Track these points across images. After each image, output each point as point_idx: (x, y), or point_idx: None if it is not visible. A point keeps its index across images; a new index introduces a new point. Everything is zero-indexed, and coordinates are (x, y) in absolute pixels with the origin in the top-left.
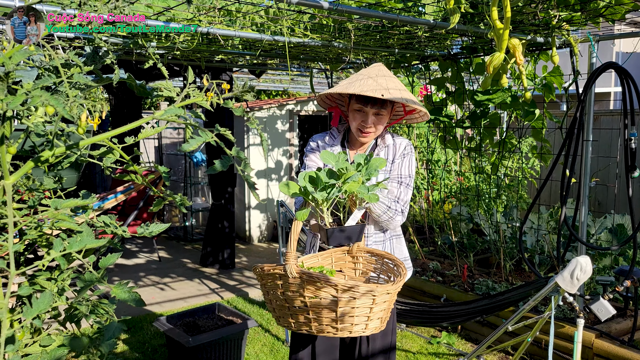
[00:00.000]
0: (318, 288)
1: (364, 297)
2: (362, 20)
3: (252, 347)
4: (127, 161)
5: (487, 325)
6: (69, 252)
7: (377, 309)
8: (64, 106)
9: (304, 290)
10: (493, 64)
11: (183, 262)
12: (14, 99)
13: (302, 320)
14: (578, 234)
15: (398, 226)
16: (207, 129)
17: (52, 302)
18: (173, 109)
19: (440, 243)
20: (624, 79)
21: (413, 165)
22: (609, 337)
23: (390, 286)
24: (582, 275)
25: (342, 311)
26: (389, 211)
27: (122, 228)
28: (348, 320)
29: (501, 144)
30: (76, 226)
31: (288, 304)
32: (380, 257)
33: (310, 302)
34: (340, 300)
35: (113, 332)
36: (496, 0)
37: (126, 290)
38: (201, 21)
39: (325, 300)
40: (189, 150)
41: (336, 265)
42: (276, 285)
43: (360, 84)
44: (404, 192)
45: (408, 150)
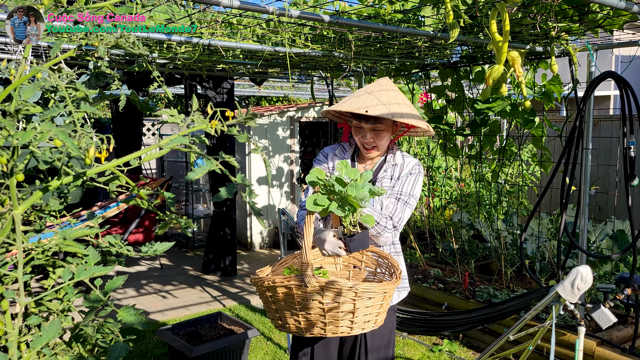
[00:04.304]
0: (338, 294)
1: (347, 295)
2: (362, 32)
3: (254, 355)
4: (132, 187)
5: (488, 333)
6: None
7: (361, 307)
8: (72, 141)
9: (322, 297)
10: (492, 76)
11: (185, 269)
12: (24, 135)
13: (316, 324)
14: (579, 241)
15: (387, 242)
16: (211, 156)
17: (60, 328)
18: (178, 138)
19: (441, 249)
20: (622, 87)
21: (418, 185)
22: (610, 344)
23: (376, 285)
24: (583, 285)
25: (327, 310)
26: (377, 226)
27: (127, 247)
28: (330, 319)
29: (501, 151)
30: (83, 250)
31: (301, 310)
32: (377, 255)
33: (328, 307)
34: (325, 298)
35: (119, 352)
36: (495, 14)
37: (132, 314)
38: (203, 33)
39: (343, 304)
40: (194, 179)
41: (331, 263)
42: (287, 294)
43: (355, 100)
44: (400, 209)
45: (415, 170)
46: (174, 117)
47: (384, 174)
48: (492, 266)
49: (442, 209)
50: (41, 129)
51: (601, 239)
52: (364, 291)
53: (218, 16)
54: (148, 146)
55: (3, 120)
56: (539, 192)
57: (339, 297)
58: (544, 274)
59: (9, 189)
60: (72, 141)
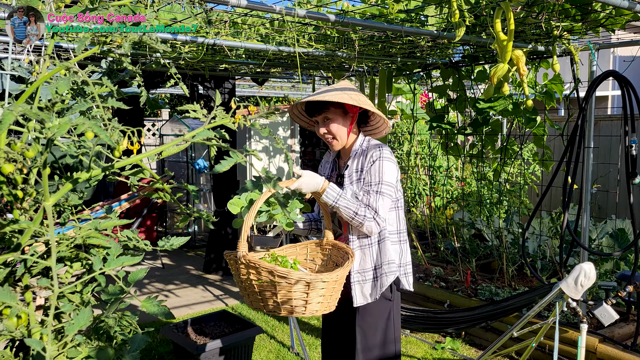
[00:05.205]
0: (258, 273)
1: (299, 284)
2: (366, 31)
3: (258, 353)
4: (157, 180)
5: (491, 330)
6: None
7: (314, 294)
8: (105, 134)
9: (250, 275)
10: (497, 75)
11: (186, 268)
12: (60, 127)
13: (258, 301)
14: (580, 239)
15: (373, 232)
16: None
17: (91, 316)
18: (204, 132)
19: (442, 248)
20: (624, 86)
21: (386, 169)
22: (612, 341)
23: (326, 275)
24: (586, 282)
25: (283, 294)
26: (357, 217)
27: (144, 242)
28: (287, 303)
29: (503, 150)
30: (105, 242)
31: (245, 286)
32: (340, 249)
33: (258, 285)
34: (279, 284)
35: (138, 343)
36: (499, 13)
37: (155, 304)
38: (208, 33)
39: (267, 284)
40: (222, 171)
41: (310, 255)
42: (239, 270)
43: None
44: (374, 199)
45: (376, 156)
46: (197, 113)
47: (351, 169)
48: (493, 265)
49: (443, 208)
50: (76, 122)
51: (602, 237)
52: (283, 276)
53: (224, 16)
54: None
55: (41, 114)
56: (539, 191)
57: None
58: (545, 272)
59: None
60: (105, 134)
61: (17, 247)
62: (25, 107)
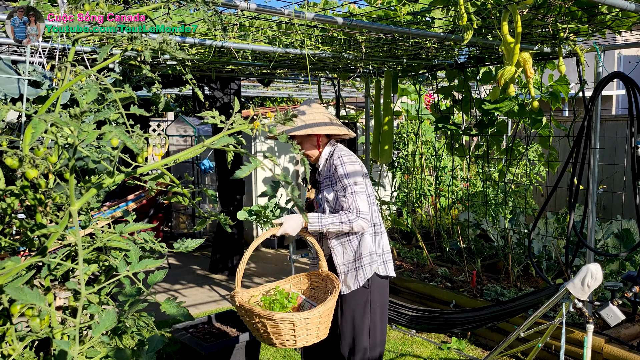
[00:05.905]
0: (254, 317)
1: (284, 323)
2: (372, 33)
3: (265, 353)
4: (177, 185)
5: (496, 330)
6: (112, 268)
7: (300, 329)
8: (132, 141)
9: (245, 317)
10: (504, 78)
11: (192, 268)
12: (89, 135)
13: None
14: (586, 240)
15: (366, 228)
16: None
17: (116, 317)
18: (224, 138)
19: (448, 249)
20: (630, 88)
21: (349, 170)
22: (618, 342)
23: (308, 313)
24: (593, 283)
25: (274, 330)
26: (344, 224)
27: (160, 244)
28: (278, 337)
29: (508, 151)
30: (125, 245)
31: (245, 320)
32: (330, 281)
33: (255, 325)
34: (268, 324)
35: (155, 344)
36: (507, 15)
37: (174, 306)
38: (216, 35)
39: (259, 323)
40: (242, 176)
41: (313, 284)
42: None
43: None
44: (351, 199)
45: (337, 162)
46: (215, 119)
47: (322, 175)
48: (498, 265)
49: (449, 209)
50: (104, 129)
51: (607, 237)
52: (269, 319)
53: (232, 19)
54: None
55: (72, 123)
56: (545, 192)
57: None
58: (551, 273)
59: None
60: (131, 141)
61: (43, 250)
62: (55, 116)
